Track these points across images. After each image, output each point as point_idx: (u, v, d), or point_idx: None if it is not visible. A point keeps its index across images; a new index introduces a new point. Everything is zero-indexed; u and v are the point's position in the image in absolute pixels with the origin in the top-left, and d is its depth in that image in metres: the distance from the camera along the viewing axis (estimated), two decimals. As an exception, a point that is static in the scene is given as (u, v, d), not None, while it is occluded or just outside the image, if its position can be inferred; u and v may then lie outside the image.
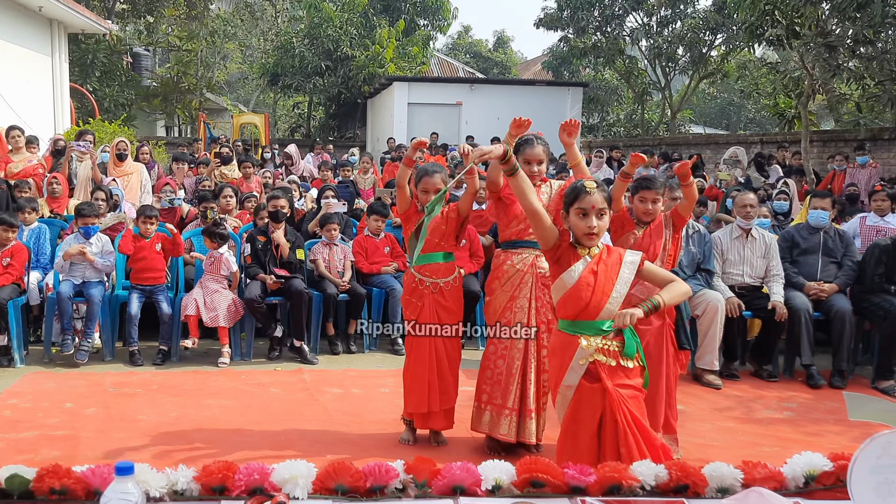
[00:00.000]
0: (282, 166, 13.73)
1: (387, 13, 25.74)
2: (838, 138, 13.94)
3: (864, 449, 1.79)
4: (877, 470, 1.78)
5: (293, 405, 5.53)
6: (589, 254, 3.22)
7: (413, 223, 4.63)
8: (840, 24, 11.64)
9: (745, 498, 1.85)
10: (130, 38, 24.85)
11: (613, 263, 3.21)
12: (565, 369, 3.17)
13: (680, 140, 19.54)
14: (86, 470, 1.83)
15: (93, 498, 1.77)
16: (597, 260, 3.20)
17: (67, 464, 1.87)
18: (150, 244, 6.77)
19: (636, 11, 22.85)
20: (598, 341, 3.13)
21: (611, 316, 3.14)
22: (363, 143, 24.13)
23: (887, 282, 6.35)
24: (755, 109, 30.00)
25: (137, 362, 6.46)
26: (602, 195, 3.18)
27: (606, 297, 3.14)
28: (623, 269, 3.20)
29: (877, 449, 1.79)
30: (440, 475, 1.93)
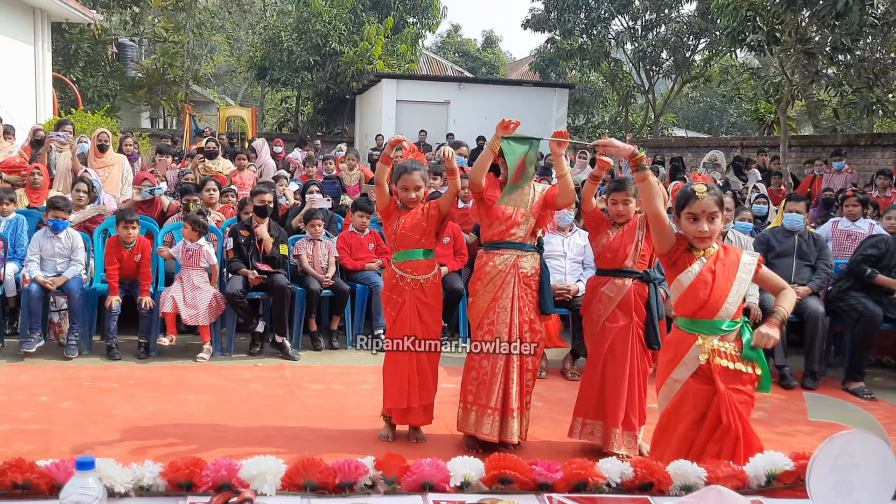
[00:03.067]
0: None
1: (376, 10, 25.69)
2: (816, 143, 14.07)
3: (822, 449, 1.82)
4: (835, 469, 1.82)
5: (273, 401, 5.53)
6: (705, 254, 3.25)
7: (393, 220, 4.65)
8: (819, 32, 11.75)
9: (705, 495, 1.88)
10: (116, 28, 24.66)
11: (731, 264, 3.24)
12: (676, 363, 3.22)
13: (662, 143, 19.63)
14: (49, 464, 1.81)
15: (56, 493, 1.75)
16: (714, 259, 3.24)
17: (40, 458, 1.86)
18: (130, 255, 6.65)
19: (622, 15, 22.95)
20: (715, 341, 3.18)
21: (729, 316, 3.19)
22: (351, 139, 24.11)
23: (865, 262, 6.42)
24: (736, 114, 30.17)
25: (115, 356, 6.44)
26: (713, 199, 3.20)
27: (724, 297, 3.18)
28: (740, 270, 3.23)
29: (835, 449, 1.83)
30: (410, 471, 1.95)
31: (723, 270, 3.20)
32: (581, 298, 5.84)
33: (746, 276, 3.22)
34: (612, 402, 4.48)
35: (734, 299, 3.19)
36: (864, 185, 10.86)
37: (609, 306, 4.57)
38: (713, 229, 3.21)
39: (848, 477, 1.82)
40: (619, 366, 4.50)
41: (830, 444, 1.83)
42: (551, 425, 5.10)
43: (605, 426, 4.50)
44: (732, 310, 3.18)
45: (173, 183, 9.61)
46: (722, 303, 3.17)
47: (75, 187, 7.55)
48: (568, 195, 4.47)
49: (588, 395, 4.60)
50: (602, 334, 4.57)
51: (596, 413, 4.56)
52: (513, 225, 4.49)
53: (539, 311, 4.55)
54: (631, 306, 4.55)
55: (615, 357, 4.52)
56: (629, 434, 4.50)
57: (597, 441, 4.54)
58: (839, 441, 1.83)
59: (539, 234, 4.67)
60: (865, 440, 1.84)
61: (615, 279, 4.59)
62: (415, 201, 4.64)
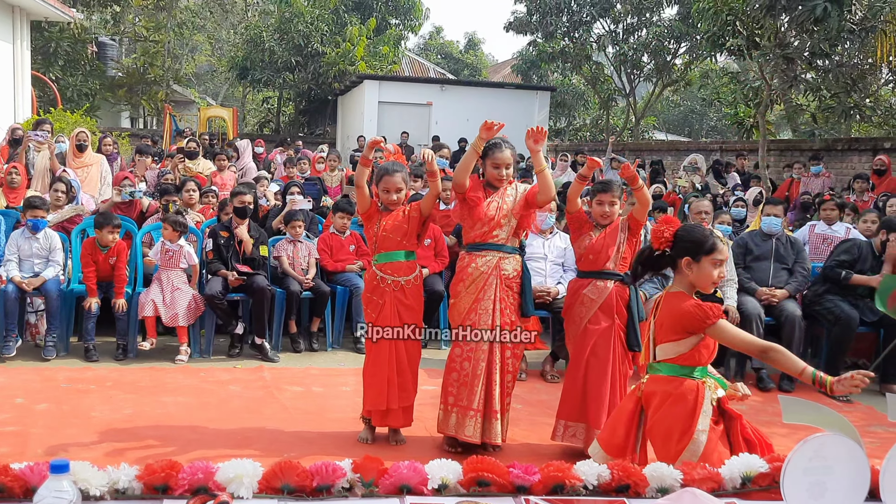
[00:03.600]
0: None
1: (358, 11, 25.67)
2: (794, 148, 14.18)
3: (797, 451, 1.84)
4: (809, 471, 1.84)
5: (252, 403, 5.50)
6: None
7: (374, 222, 4.65)
8: (798, 37, 11.87)
9: (680, 498, 1.90)
10: (96, 27, 24.49)
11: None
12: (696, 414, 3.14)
13: (643, 146, 19.74)
14: (24, 467, 1.80)
15: (31, 496, 1.74)
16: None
17: (15, 461, 1.85)
18: (105, 258, 6.57)
19: (603, 18, 23.04)
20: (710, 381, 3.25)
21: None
22: (333, 140, 24.06)
23: (840, 267, 6.47)
24: (716, 118, 30.37)
25: (92, 358, 6.39)
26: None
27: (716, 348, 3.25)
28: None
29: (809, 451, 1.85)
30: (387, 474, 1.95)
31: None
32: (561, 301, 5.87)
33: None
34: (595, 405, 4.49)
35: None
36: (841, 189, 10.97)
37: (591, 308, 4.58)
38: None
39: (821, 479, 1.84)
40: (601, 368, 4.52)
41: (804, 447, 1.85)
42: (531, 427, 5.11)
43: (588, 428, 4.51)
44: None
45: (153, 183, 9.56)
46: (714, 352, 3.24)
47: (53, 187, 7.48)
48: (547, 191, 4.47)
49: (570, 398, 4.61)
50: (584, 336, 4.58)
51: (578, 415, 4.57)
52: (495, 227, 4.49)
53: (520, 313, 4.56)
54: (613, 308, 4.56)
55: (597, 359, 4.53)
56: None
57: (579, 443, 4.54)
58: (813, 443, 1.85)
59: (522, 236, 4.68)
60: (839, 443, 1.86)
61: (597, 281, 4.60)
62: (396, 203, 4.64)
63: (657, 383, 3.24)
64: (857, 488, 1.86)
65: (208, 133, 18.33)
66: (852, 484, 1.85)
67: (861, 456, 1.85)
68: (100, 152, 9.74)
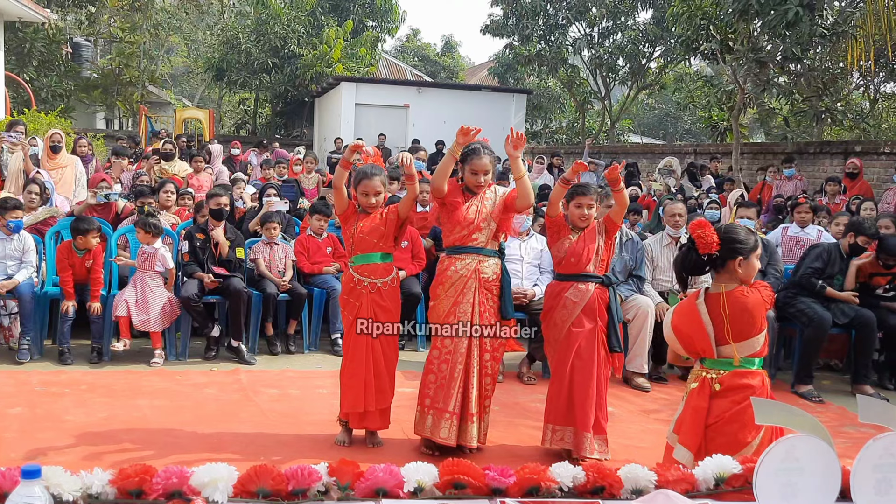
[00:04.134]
0: (226, 163, 13.61)
1: (335, 13, 25.63)
2: (767, 151, 14.33)
3: (769, 452, 1.86)
4: (781, 472, 1.86)
5: (228, 406, 5.48)
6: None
7: (351, 224, 4.65)
8: (771, 42, 12.00)
9: (653, 499, 1.91)
10: (71, 27, 24.29)
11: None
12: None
13: (618, 149, 19.83)
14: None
15: (2, 502, 1.73)
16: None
17: (-12, 465, 1.83)
18: (82, 261, 6.53)
19: (579, 22, 23.16)
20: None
21: None
22: (310, 142, 24.00)
23: (816, 276, 6.54)
24: (691, 121, 30.60)
25: (67, 361, 6.33)
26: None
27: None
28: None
29: (781, 452, 1.87)
30: (363, 477, 1.95)
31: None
32: (538, 302, 5.89)
33: None
34: (582, 407, 4.50)
35: None
36: (813, 192, 11.08)
37: (574, 311, 4.58)
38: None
39: (793, 479, 1.86)
40: (586, 370, 4.52)
41: (776, 448, 1.87)
42: (507, 429, 5.12)
43: (576, 431, 4.52)
44: None
45: (129, 185, 9.49)
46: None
47: (27, 189, 7.41)
48: (526, 197, 4.50)
49: (557, 402, 4.60)
50: (568, 339, 4.57)
51: (565, 419, 4.57)
52: (475, 230, 4.50)
53: (500, 315, 4.58)
54: (595, 311, 4.58)
55: (582, 361, 4.54)
56: (600, 437, 4.54)
57: (568, 446, 4.55)
58: (785, 444, 1.87)
59: (501, 239, 4.69)
60: (810, 443, 1.88)
61: (578, 284, 4.61)
62: (374, 206, 4.65)
63: (741, 377, 3.38)
64: (829, 489, 1.88)
65: (185, 135, 18.23)
66: (823, 484, 1.87)
67: (832, 456, 1.87)
68: (74, 154, 9.65)
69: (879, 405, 1.92)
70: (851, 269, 6.57)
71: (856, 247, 6.61)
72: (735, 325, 3.36)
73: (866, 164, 10.95)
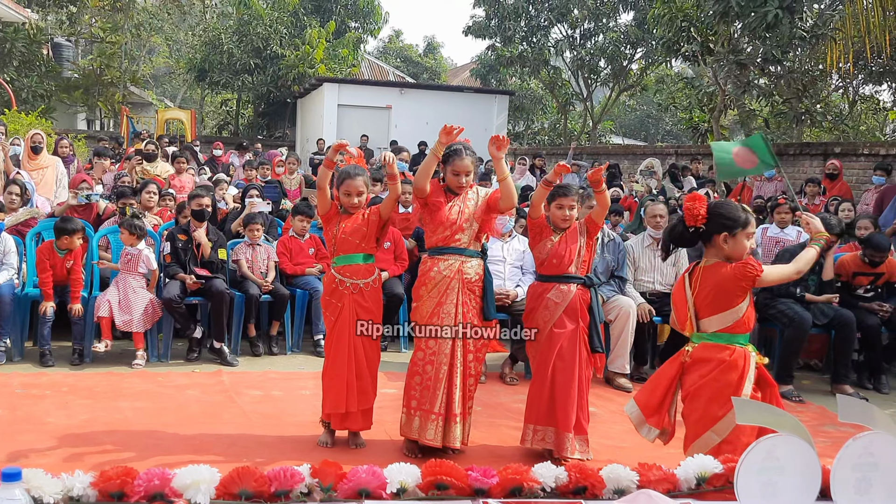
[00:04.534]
0: (208, 164, 13.55)
1: (317, 13, 25.57)
2: (748, 152, 14.37)
3: (750, 452, 1.88)
4: (762, 472, 1.87)
5: (211, 408, 5.46)
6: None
7: (333, 224, 4.65)
8: (751, 44, 12.08)
9: (635, 500, 1.92)
10: (51, 27, 24.07)
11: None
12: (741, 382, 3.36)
13: (600, 150, 19.90)
14: (-26, 475, 1.77)
15: (-20, 505, 1.72)
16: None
17: (-33, 468, 1.82)
18: (63, 261, 6.49)
19: (561, 23, 23.22)
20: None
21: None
22: (292, 143, 23.93)
23: (794, 284, 6.59)
24: (672, 122, 30.75)
25: (48, 363, 6.29)
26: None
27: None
28: None
29: (762, 452, 1.88)
30: (346, 479, 1.95)
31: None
32: (521, 303, 5.90)
33: None
34: (563, 407, 4.51)
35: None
36: (793, 193, 11.15)
37: (556, 312, 4.60)
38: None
39: (774, 479, 1.88)
40: (568, 371, 4.54)
41: (757, 448, 1.88)
42: (490, 430, 5.13)
43: (558, 431, 4.53)
44: None
45: (110, 186, 9.44)
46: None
47: (7, 190, 7.36)
48: (509, 199, 4.51)
49: (538, 402, 4.62)
50: (550, 340, 4.59)
51: (547, 419, 4.58)
52: (457, 231, 4.50)
53: (482, 316, 4.59)
54: (577, 311, 4.59)
55: (564, 362, 4.55)
56: (581, 438, 4.55)
57: (550, 446, 4.56)
58: (765, 444, 1.89)
59: (483, 240, 4.70)
60: (791, 443, 1.90)
61: (560, 285, 4.62)
62: (357, 207, 4.65)
63: (709, 350, 3.44)
64: (809, 488, 1.89)
65: (167, 136, 18.14)
66: (804, 483, 1.89)
67: (812, 456, 1.89)
68: (55, 154, 9.60)
69: (859, 405, 1.94)
70: (828, 261, 6.62)
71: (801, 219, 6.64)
72: (704, 299, 3.42)
73: (845, 166, 11.04)
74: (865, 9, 10.81)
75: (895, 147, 11.27)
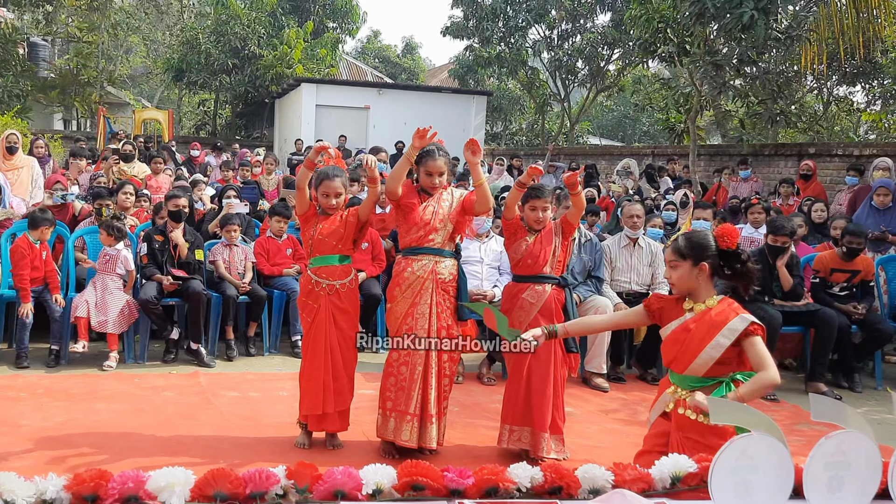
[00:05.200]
0: (185, 164, 13.48)
1: (295, 14, 25.49)
2: (723, 153, 14.51)
3: (723, 451, 1.90)
4: (735, 471, 1.89)
5: (188, 409, 5.43)
6: (693, 310, 3.29)
7: (311, 225, 4.65)
8: (727, 45, 12.16)
9: (610, 499, 1.94)
10: (27, 27, 23.84)
11: (712, 325, 3.20)
12: (655, 403, 3.42)
13: (578, 150, 19.97)
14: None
15: (-46, 508, 1.71)
16: (697, 318, 3.26)
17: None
18: (38, 253, 6.47)
19: (538, 24, 23.25)
20: (682, 393, 3.25)
21: (698, 374, 3.20)
22: (270, 143, 23.83)
23: (760, 293, 6.65)
24: (648, 123, 30.87)
25: (23, 364, 6.23)
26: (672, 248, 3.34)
27: (693, 357, 3.20)
28: (721, 334, 3.18)
29: (735, 451, 1.90)
30: (321, 480, 1.95)
31: (700, 330, 3.21)
32: (497, 304, 5.91)
33: (725, 341, 3.16)
34: (539, 407, 4.53)
35: (704, 360, 3.18)
36: (768, 193, 11.25)
37: (531, 312, 4.62)
38: (674, 277, 3.35)
39: (747, 478, 1.90)
40: (543, 371, 4.56)
41: (731, 447, 1.90)
42: (467, 430, 5.15)
43: (533, 431, 4.56)
44: (701, 370, 3.19)
45: (86, 186, 9.37)
46: (690, 361, 3.21)
47: (-18, 191, 7.29)
48: (486, 202, 4.53)
49: (514, 402, 4.64)
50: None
51: (523, 419, 4.60)
52: (431, 231, 4.51)
53: (456, 316, 4.59)
54: (552, 311, 4.61)
55: (539, 362, 4.57)
56: (557, 437, 4.58)
57: (526, 446, 4.58)
58: (739, 444, 1.91)
59: (457, 240, 4.71)
60: (764, 442, 1.92)
61: (535, 285, 4.65)
62: (335, 208, 4.65)
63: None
64: (782, 486, 1.91)
65: (143, 135, 18.02)
66: (777, 482, 1.91)
67: (785, 455, 1.91)
68: (31, 154, 9.49)
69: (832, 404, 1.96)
70: (781, 273, 6.68)
71: (774, 248, 6.70)
72: None
73: (819, 166, 11.15)
74: (839, 10, 10.92)
75: (868, 148, 11.38)
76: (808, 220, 8.43)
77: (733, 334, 3.16)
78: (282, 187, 10.89)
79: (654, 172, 12.57)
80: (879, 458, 1.92)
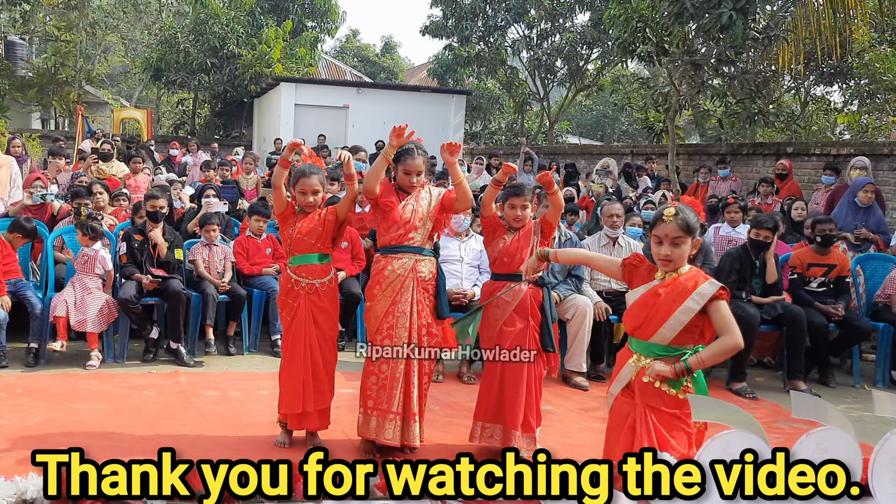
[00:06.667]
0: (164, 163, 13.42)
1: (274, 13, 25.41)
2: (702, 152, 14.59)
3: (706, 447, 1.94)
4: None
5: (167, 409, 5.42)
6: (665, 276, 3.26)
7: (290, 224, 4.65)
8: (705, 45, 12.24)
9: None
10: (4, 25, 23.64)
11: (683, 290, 3.18)
12: (614, 378, 3.38)
13: (557, 149, 20.03)
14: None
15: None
16: (667, 283, 3.24)
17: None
18: (9, 250, 6.46)
19: (518, 23, 23.30)
20: (646, 361, 3.22)
21: (664, 341, 3.19)
22: (249, 142, 23.76)
23: (739, 289, 6.71)
24: (627, 122, 30.98)
25: (1, 364, 6.18)
26: (677, 223, 3.19)
27: (662, 322, 3.19)
28: (690, 298, 3.16)
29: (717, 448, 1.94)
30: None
31: (669, 294, 3.20)
32: (477, 303, 5.94)
33: (695, 306, 3.15)
34: (511, 405, 4.56)
35: (672, 325, 3.17)
36: (746, 192, 11.34)
37: (506, 310, 4.63)
38: (676, 254, 3.22)
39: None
40: (516, 369, 4.57)
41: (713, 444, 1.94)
42: (447, 428, 5.17)
43: (505, 429, 4.57)
44: (669, 335, 3.18)
45: (66, 186, 9.32)
46: (657, 327, 3.20)
47: (-42, 190, 7.24)
48: (465, 201, 4.55)
49: (487, 399, 4.66)
50: (499, 338, 4.62)
51: (495, 416, 4.62)
52: (411, 229, 4.52)
53: (435, 315, 4.62)
54: (527, 310, 4.63)
55: (513, 361, 4.61)
56: (528, 436, 4.60)
57: (497, 444, 4.59)
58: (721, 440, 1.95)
59: (435, 238, 4.73)
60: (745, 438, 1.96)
61: (511, 284, 4.68)
62: (312, 206, 4.65)
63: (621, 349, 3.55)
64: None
65: (122, 135, 17.91)
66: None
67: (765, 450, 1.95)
68: (9, 154, 9.44)
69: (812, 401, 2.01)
70: (770, 263, 6.74)
71: (757, 242, 6.77)
72: None
73: (797, 165, 11.25)
74: (816, 11, 11.04)
75: (845, 147, 11.50)
76: (788, 218, 8.50)
77: (703, 299, 3.15)
78: (261, 186, 10.88)
79: (633, 171, 12.64)
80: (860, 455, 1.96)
